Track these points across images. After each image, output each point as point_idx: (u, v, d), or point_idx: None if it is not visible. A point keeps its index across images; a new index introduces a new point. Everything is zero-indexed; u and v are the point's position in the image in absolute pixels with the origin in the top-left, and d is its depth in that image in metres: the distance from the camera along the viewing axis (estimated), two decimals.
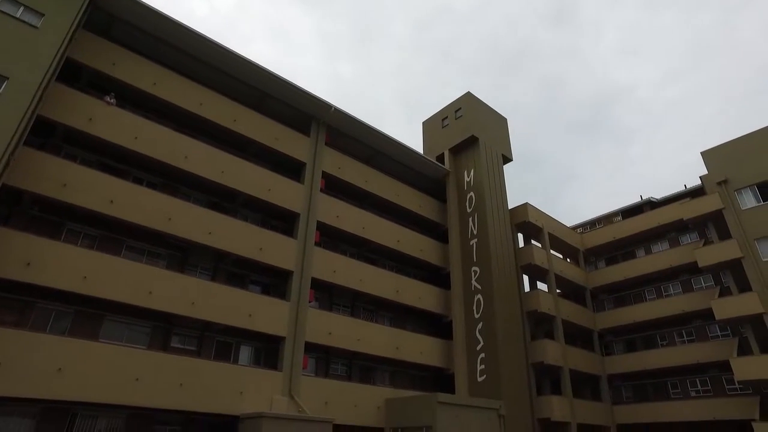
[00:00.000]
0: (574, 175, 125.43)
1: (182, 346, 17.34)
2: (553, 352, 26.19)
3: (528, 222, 29.47)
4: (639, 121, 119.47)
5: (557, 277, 29.89)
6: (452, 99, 32.40)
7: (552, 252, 30.74)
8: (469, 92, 30.90)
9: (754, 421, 21.46)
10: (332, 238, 23.30)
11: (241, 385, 16.61)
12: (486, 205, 27.13)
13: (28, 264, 13.70)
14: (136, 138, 17.32)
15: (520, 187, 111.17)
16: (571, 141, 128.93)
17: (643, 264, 30.52)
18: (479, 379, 23.27)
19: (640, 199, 35.40)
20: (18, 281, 13.62)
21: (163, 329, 17.05)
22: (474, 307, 25.06)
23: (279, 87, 21.98)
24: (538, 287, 29.61)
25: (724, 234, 25.26)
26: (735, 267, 24.15)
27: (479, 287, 25.37)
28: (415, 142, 67.90)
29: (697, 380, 27.03)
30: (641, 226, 31.31)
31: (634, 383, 29.55)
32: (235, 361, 18.35)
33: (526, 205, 29.92)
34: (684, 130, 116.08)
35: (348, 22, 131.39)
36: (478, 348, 23.92)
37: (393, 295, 23.45)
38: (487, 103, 31.77)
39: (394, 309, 24.69)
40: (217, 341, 18.25)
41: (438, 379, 24.57)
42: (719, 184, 25.31)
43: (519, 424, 22.56)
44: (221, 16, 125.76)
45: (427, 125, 32.98)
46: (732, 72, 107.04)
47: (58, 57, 14.98)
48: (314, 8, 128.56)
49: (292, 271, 19.87)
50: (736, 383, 23.62)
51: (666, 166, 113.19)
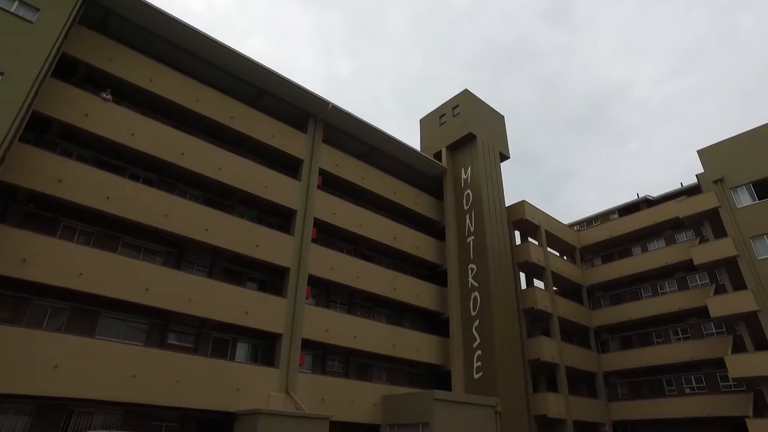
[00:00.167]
0: (571, 172, 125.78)
1: (179, 343, 17.34)
2: (550, 349, 26.29)
3: (525, 219, 29.53)
4: (636, 119, 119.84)
5: (554, 274, 29.96)
6: (450, 96, 32.38)
7: (549, 249, 30.80)
8: (466, 89, 30.88)
9: (747, 417, 21.65)
10: (329, 235, 23.28)
11: (237, 382, 16.62)
12: (483, 202, 27.14)
13: (23, 260, 13.65)
14: (133, 134, 17.23)
15: (517, 184, 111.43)
16: (569, 139, 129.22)
17: (639, 262, 30.62)
18: (476, 376, 23.34)
19: (637, 197, 35.60)
20: (13, 278, 13.57)
21: (160, 326, 17.03)
22: (471, 305, 25.11)
23: (276, 83, 21.92)
24: (535, 285, 29.73)
25: (720, 232, 25.37)
26: (730, 265, 24.26)
27: (476, 284, 25.41)
28: (413, 139, 68.01)
29: (692, 377, 27.24)
30: (637, 224, 31.43)
31: (630, 380, 29.73)
32: (232, 358, 18.37)
33: (523, 203, 29.96)
34: (681, 129, 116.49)
35: (345, 18, 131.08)
36: (475, 345, 23.99)
37: (390, 292, 23.46)
38: (484, 101, 31.75)
39: (391, 306, 24.74)
40: (213, 338, 18.26)
41: (434, 376, 24.63)
42: (715, 182, 25.40)
43: (515, 420, 22.65)
44: (218, 12, 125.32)
45: (424, 122, 32.96)
46: (729, 70, 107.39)
47: (53, 52, 14.88)
48: (311, 4, 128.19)
49: (289, 268, 19.85)
50: (731, 380, 23.79)
51: (663, 165, 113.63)
